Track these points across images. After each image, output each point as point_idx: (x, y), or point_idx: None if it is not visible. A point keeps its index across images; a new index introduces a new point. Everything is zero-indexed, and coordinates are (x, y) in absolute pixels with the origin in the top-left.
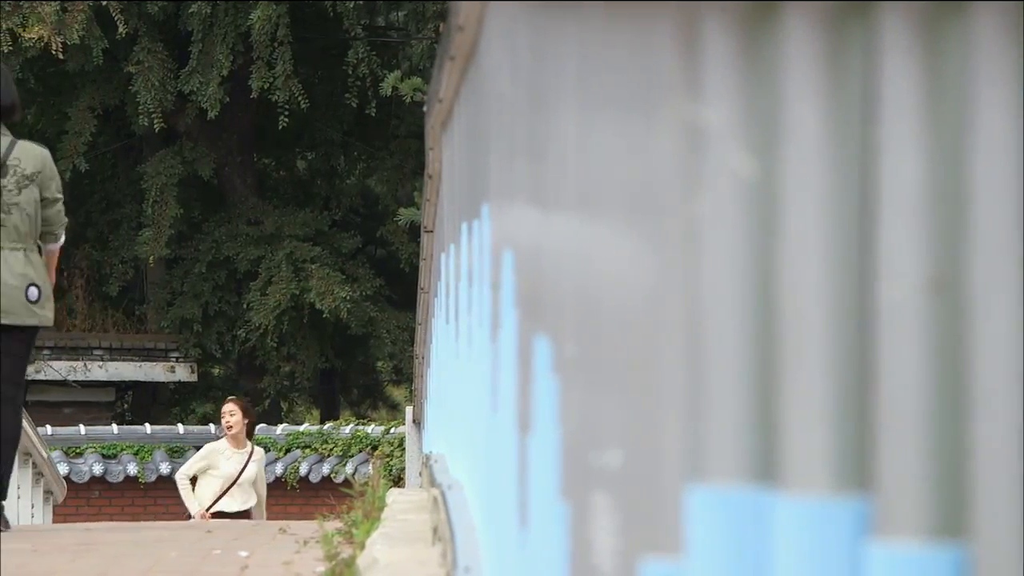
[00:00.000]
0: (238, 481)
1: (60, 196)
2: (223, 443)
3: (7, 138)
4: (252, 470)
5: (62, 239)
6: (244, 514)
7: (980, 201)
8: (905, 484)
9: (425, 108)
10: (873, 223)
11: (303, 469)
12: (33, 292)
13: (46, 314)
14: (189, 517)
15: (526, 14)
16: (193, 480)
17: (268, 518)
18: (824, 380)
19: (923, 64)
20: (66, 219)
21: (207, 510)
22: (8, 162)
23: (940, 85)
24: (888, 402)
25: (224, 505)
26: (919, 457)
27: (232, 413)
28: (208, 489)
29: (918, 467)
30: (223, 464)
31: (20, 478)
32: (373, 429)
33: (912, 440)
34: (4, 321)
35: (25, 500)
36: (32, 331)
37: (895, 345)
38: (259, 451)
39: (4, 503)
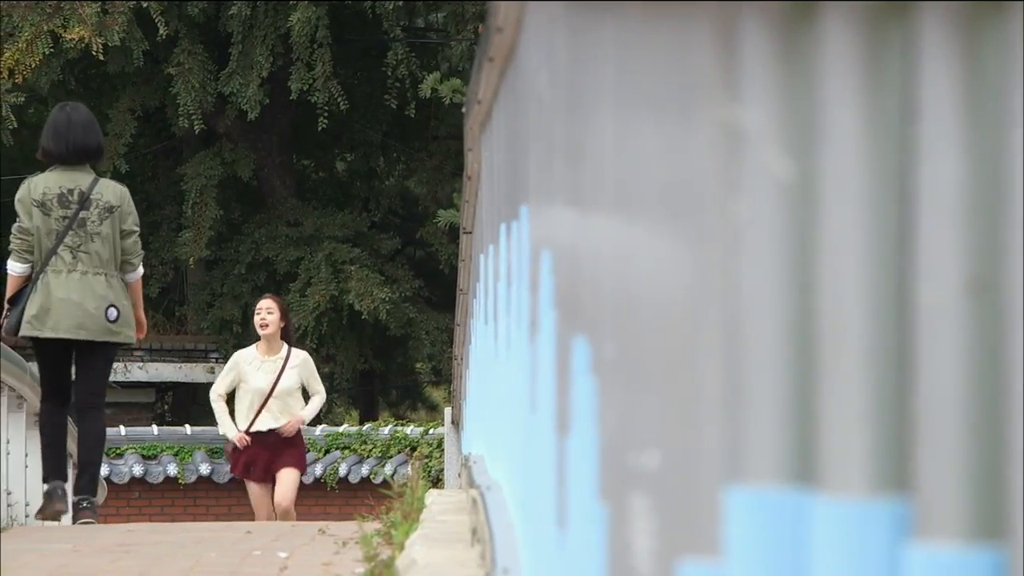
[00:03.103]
0: (273, 394)
1: (136, 229)
2: (251, 350)
3: (91, 176)
4: (291, 379)
5: (140, 270)
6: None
7: (1020, 201)
8: (944, 486)
9: (464, 109)
10: (912, 224)
11: (342, 470)
12: (112, 312)
13: (126, 332)
14: (233, 448)
15: (564, 15)
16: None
17: (306, 519)
18: (863, 381)
19: (962, 64)
20: (142, 251)
21: (246, 431)
22: (91, 196)
23: (979, 85)
24: (927, 403)
25: (262, 424)
26: (958, 459)
27: (270, 311)
28: (241, 406)
29: (957, 469)
30: (252, 376)
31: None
32: (412, 430)
33: (951, 442)
34: (86, 338)
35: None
36: (112, 347)
37: (934, 346)
38: (298, 355)
39: (95, 499)
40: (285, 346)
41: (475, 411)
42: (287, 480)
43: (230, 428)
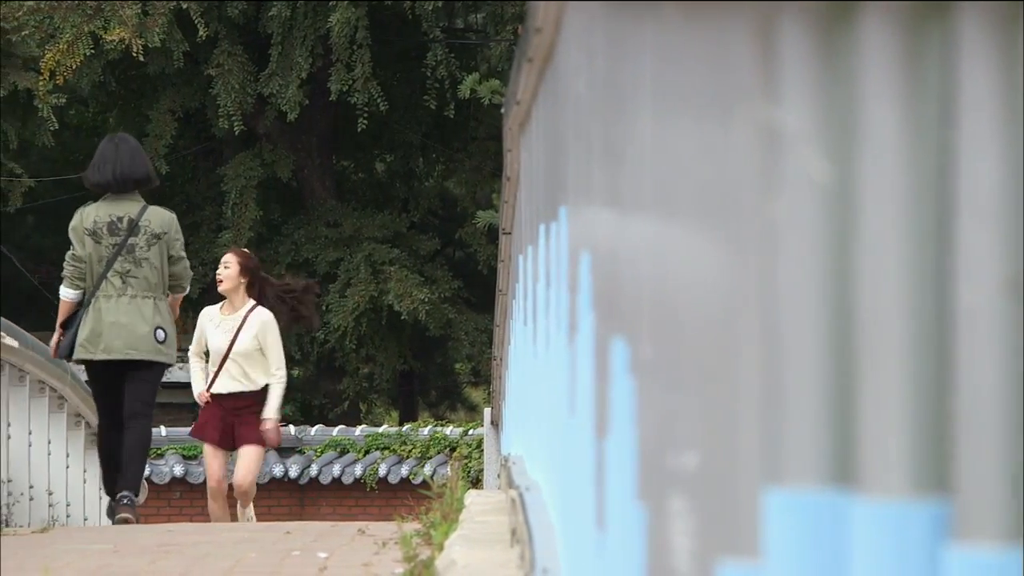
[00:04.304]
0: (229, 356)
1: (184, 255)
2: (215, 308)
3: (140, 204)
4: (246, 342)
5: (187, 290)
6: (245, 398)
7: None
8: (983, 487)
9: (503, 110)
10: (951, 225)
11: (382, 470)
12: (160, 334)
13: (171, 352)
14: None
15: (603, 16)
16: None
17: (346, 519)
18: (902, 382)
19: (1001, 65)
20: (191, 273)
21: (207, 390)
22: (140, 223)
23: (1017, 86)
24: (966, 404)
25: (220, 386)
26: (997, 460)
27: (226, 265)
28: (207, 366)
29: (997, 470)
30: (211, 335)
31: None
32: (451, 431)
33: (990, 442)
34: (136, 358)
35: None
36: (159, 367)
37: (973, 347)
38: (260, 315)
39: (135, 497)
40: (248, 304)
41: (514, 412)
42: (247, 458)
43: (196, 385)
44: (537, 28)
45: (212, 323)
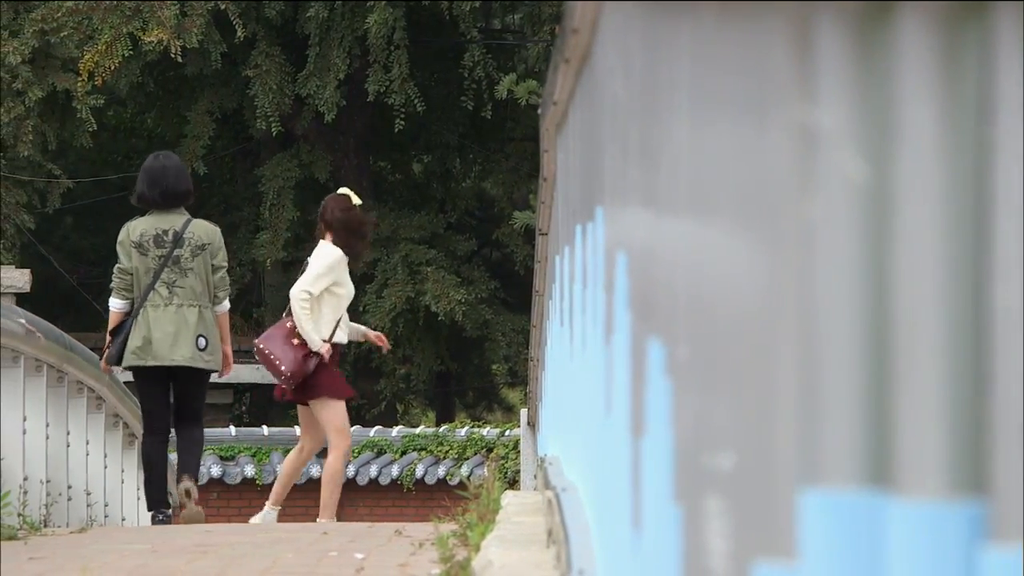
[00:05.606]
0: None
1: (225, 265)
2: (341, 253)
3: (184, 217)
4: None
5: (226, 304)
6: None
7: None
8: (1021, 488)
9: (540, 111)
10: (988, 225)
11: (419, 471)
12: (201, 341)
13: (215, 358)
14: (311, 354)
15: (640, 16)
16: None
17: (383, 520)
18: (939, 382)
19: None
20: (228, 286)
21: (329, 339)
22: (184, 235)
23: None
24: (1003, 404)
25: (341, 335)
26: None
27: None
28: (331, 311)
29: None
30: (347, 279)
31: (140, 480)
32: (488, 431)
33: None
34: (181, 364)
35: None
36: (204, 374)
37: (1010, 347)
38: None
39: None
40: None
41: (551, 413)
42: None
43: (316, 334)
44: (574, 29)
45: (347, 271)
